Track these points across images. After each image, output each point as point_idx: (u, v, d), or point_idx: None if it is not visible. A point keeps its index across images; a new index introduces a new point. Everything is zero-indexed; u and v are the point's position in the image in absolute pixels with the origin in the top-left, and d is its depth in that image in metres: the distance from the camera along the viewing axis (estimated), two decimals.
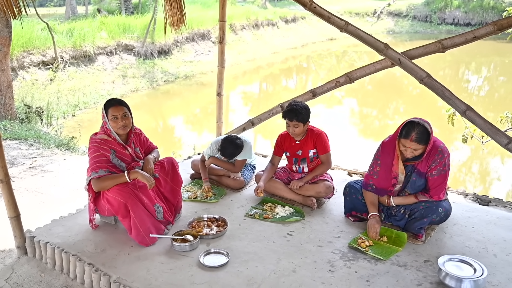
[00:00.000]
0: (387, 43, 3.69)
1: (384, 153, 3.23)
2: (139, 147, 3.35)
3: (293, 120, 3.56)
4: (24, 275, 3.07)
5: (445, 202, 3.14)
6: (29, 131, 7.21)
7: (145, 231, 3.05)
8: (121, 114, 3.09)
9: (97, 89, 11.55)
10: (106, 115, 3.09)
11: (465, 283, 2.51)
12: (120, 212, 3.02)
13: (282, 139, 3.85)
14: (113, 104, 3.10)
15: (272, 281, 2.67)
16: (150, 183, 3.06)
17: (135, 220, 3.03)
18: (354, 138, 9.01)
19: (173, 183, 3.41)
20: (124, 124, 3.11)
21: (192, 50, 16.28)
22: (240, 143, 3.93)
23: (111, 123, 3.08)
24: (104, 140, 3.11)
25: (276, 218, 3.45)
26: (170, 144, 8.71)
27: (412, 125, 2.96)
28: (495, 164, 7.44)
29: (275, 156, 3.90)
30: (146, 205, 3.12)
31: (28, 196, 4.55)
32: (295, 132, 3.63)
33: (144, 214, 3.08)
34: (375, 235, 3.09)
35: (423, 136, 2.93)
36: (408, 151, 3.00)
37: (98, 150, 3.06)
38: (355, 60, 20.10)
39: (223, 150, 3.93)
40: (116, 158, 3.13)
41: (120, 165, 3.15)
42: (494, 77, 16.73)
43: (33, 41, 11.61)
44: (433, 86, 3.54)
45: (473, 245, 3.06)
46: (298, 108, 3.56)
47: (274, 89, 15.38)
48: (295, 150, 3.77)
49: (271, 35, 21.60)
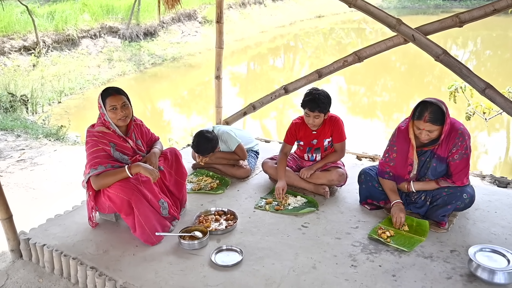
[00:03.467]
0: (400, 18, 3.45)
1: (400, 139, 3.03)
2: (141, 139, 3.09)
3: (315, 111, 3.27)
4: (20, 281, 2.83)
5: (469, 187, 2.96)
6: (14, 120, 6.86)
7: (150, 229, 2.83)
8: (121, 104, 2.82)
9: (83, 74, 11.10)
10: (104, 105, 2.82)
11: (498, 275, 2.36)
12: (123, 209, 2.79)
13: (296, 128, 3.54)
14: (110, 94, 2.83)
15: (292, 280, 2.48)
16: (154, 176, 2.82)
17: (140, 218, 2.80)
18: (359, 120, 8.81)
19: (177, 176, 3.17)
20: (124, 114, 2.85)
21: (179, 31, 15.80)
22: (211, 136, 3.67)
23: (110, 114, 2.82)
24: (102, 133, 2.84)
25: (288, 209, 3.25)
26: (161, 128, 8.43)
27: (425, 104, 2.77)
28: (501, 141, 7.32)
29: (286, 144, 3.58)
30: (151, 201, 2.89)
31: (19, 192, 4.27)
32: (315, 123, 3.36)
33: (149, 211, 2.85)
34: (400, 224, 2.90)
35: (437, 115, 2.73)
36: (423, 133, 2.80)
37: (97, 145, 2.80)
38: (342, 38, 19.82)
39: (196, 147, 3.69)
40: (117, 151, 2.87)
41: (122, 159, 2.90)
42: (481, 51, 16.66)
43: (13, 25, 11.09)
44: (449, 63, 3.32)
45: (498, 231, 2.91)
46: (321, 98, 3.25)
47: (262, 69, 15.09)
48: (310, 140, 3.52)
49: (259, 14, 21.09)
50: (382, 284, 2.43)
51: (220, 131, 3.83)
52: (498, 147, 7.14)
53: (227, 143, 3.80)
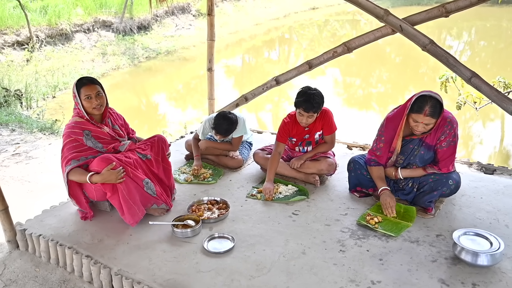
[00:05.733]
0: (387, 9, 3.50)
1: (389, 128, 3.09)
2: (119, 125, 3.15)
3: (310, 112, 3.28)
4: (17, 271, 2.89)
5: (455, 174, 3.03)
6: (9, 115, 6.88)
7: (134, 203, 2.89)
8: (95, 93, 2.89)
9: (77, 68, 11.10)
10: (79, 95, 2.89)
11: (481, 257, 2.43)
12: (107, 187, 2.83)
13: (289, 127, 3.51)
14: (85, 84, 2.89)
15: (282, 265, 2.55)
16: (113, 177, 2.79)
17: (124, 193, 2.83)
18: (350, 110, 8.89)
19: (164, 163, 3.21)
20: (99, 103, 2.92)
21: (173, 25, 15.78)
22: (234, 118, 3.75)
23: (85, 103, 2.89)
24: (76, 122, 2.91)
25: (279, 198, 3.31)
26: (156, 122, 8.47)
27: (425, 98, 2.81)
28: (492, 130, 7.41)
29: (280, 143, 3.51)
30: (134, 178, 2.93)
31: (15, 185, 4.32)
32: (308, 122, 3.38)
33: (132, 187, 2.90)
34: (391, 210, 2.97)
35: (436, 109, 2.79)
36: (420, 126, 2.86)
37: (70, 136, 2.88)
38: (337, 30, 19.84)
39: (217, 127, 3.74)
40: (91, 139, 2.93)
41: (96, 146, 2.95)
42: (476, 42, 16.70)
43: (5, 20, 11.06)
44: (436, 53, 3.38)
45: (483, 216, 2.99)
46: (315, 98, 3.25)
47: (257, 62, 15.11)
48: (303, 135, 3.55)
49: (253, 6, 21.06)
50: (369, 267, 2.51)
51: (240, 117, 3.87)
52: (491, 136, 7.23)
53: (238, 129, 3.84)
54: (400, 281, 2.39)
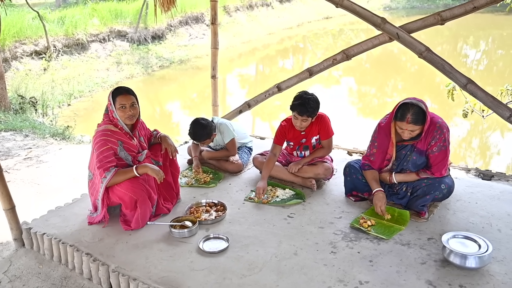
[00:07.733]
0: (384, 17, 3.58)
1: (381, 135, 3.16)
2: (143, 136, 3.27)
3: (304, 115, 3.37)
4: (22, 267, 3.02)
5: (448, 179, 3.07)
6: (23, 121, 7.12)
7: (142, 222, 3.08)
8: (130, 103, 2.97)
9: (92, 77, 11.38)
10: (114, 103, 2.97)
11: (469, 259, 2.46)
12: (129, 207, 3.00)
13: (286, 130, 3.62)
14: (121, 93, 2.98)
15: (274, 265, 2.62)
16: (159, 176, 3.01)
17: (139, 216, 3.03)
18: (353, 117, 8.92)
19: (172, 168, 3.37)
20: (132, 114, 3.00)
21: (186, 34, 16.05)
22: (205, 123, 3.82)
23: (119, 112, 2.96)
24: (111, 131, 2.98)
25: (276, 201, 3.39)
26: (169, 130, 8.62)
27: (406, 106, 2.89)
28: (496, 138, 7.37)
29: (276, 145, 3.64)
30: (151, 199, 3.11)
31: (24, 187, 4.48)
32: (302, 126, 3.47)
33: (148, 210, 3.09)
34: (382, 210, 3.03)
35: (419, 116, 2.85)
36: (406, 133, 2.93)
37: (106, 143, 2.93)
38: (352, 38, 19.84)
39: (189, 133, 3.86)
40: (123, 150, 3.03)
41: (126, 159, 3.06)
42: (493, 51, 16.54)
43: (25, 31, 11.39)
44: (432, 60, 3.45)
45: (477, 220, 3.01)
46: (310, 103, 3.33)
47: (271, 71, 15.21)
48: (299, 139, 3.63)
49: (266, 16, 21.27)
50: (359, 268, 2.56)
51: (219, 122, 4.01)
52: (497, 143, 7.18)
53: (223, 135, 3.96)
54: (388, 281, 2.43)
